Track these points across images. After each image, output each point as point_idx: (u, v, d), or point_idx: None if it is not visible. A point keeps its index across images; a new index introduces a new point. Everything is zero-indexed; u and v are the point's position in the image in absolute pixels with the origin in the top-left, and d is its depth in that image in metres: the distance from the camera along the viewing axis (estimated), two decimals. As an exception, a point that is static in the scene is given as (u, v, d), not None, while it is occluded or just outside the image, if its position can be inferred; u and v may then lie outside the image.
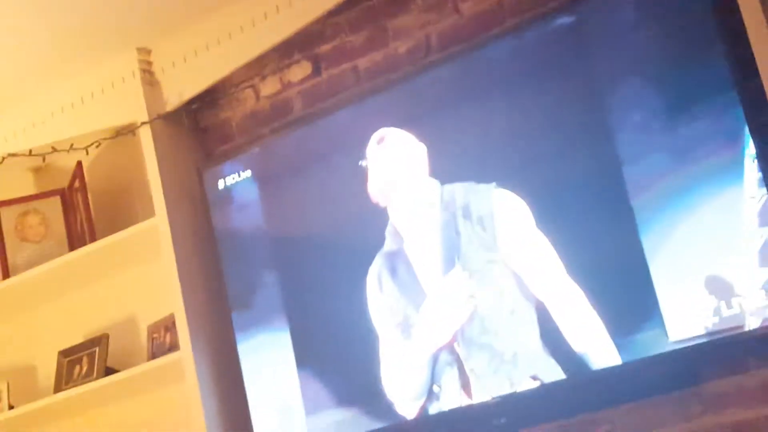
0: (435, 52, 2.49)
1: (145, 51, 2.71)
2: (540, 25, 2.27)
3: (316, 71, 2.67)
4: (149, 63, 2.72)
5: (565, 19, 2.23)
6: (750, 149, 2.00)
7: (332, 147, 2.48)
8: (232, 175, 2.61)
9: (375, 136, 2.39)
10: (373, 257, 2.39)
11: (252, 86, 2.76)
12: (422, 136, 2.35)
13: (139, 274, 2.85)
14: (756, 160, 1.99)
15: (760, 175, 1.98)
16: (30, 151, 2.84)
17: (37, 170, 3.07)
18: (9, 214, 2.93)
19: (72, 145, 2.80)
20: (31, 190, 3.04)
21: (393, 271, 2.37)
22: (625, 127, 2.13)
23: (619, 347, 2.10)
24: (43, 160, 2.87)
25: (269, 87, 2.73)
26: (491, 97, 2.29)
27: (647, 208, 2.09)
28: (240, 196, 2.60)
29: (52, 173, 3.02)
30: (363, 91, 2.56)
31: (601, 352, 2.11)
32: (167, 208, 2.63)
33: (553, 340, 2.16)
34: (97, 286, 2.93)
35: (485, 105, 2.29)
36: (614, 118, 2.14)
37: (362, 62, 2.60)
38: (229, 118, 2.79)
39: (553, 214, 2.19)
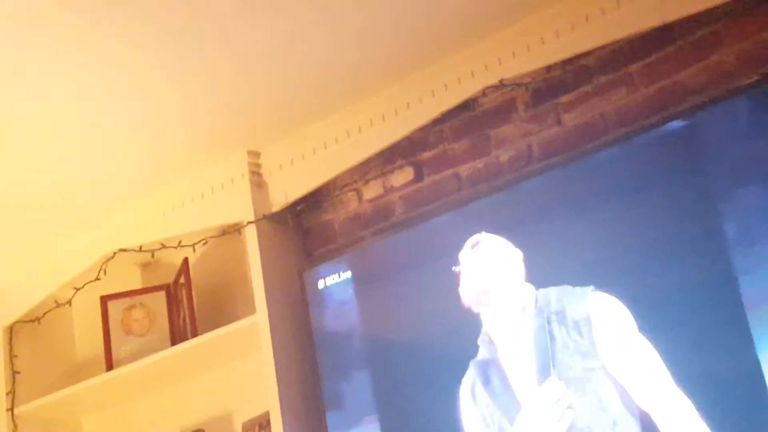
0: (536, 161, 2.53)
1: (254, 154, 2.81)
2: (648, 134, 2.28)
3: (418, 177, 2.73)
4: (258, 165, 2.81)
5: (675, 126, 2.25)
6: None
7: (431, 252, 2.50)
8: (332, 276, 2.65)
9: (469, 241, 2.41)
10: (465, 365, 2.36)
11: (355, 189, 2.83)
12: (520, 242, 2.35)
13: (237, 370, 2.88)
14: None
15: None
16: (140, 247, 2.94)
17: (145, 266, 3.17)
18: (116, 308, 3.00)
19: (180, 242, 2.89)
20: (138, 285, 3.14)
21: (486, 381, 2.33)
22: (741, 236, 2.10)
23: (730, 463, 2.02)
24: (152, 256, 2.97)
25: (372, 191, 2.80)
26: (592, 205, 2.30)
27: (764, 321, 2.03)
28: (339, 297, 2.63)
29: (158, 269, 3.12)
30: (463, 197, 2.60)
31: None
32: (268, 306, 2.67)
33: (659, 454, 2.08)
34: (196, 381, 2.97)
35: (586, 212, 2.30)
36: (728, 226, 2.11)
37: (463, 169, 2.65)
38: (332, 220, 2.86)
39: (658, 320, 2.14)
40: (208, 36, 2.30)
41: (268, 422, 2.64)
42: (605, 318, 2.19)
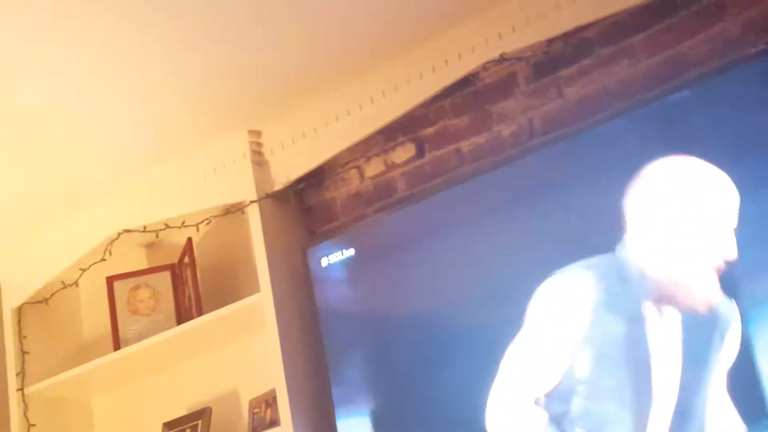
0: (538, 136, 2.51)
1: (255, 133, 2.80)
2: (651, 107, 2.26)
3: (420, 153, 2.72)
4: (259, 144, 2.81)
5: (679, 98, 2.22)
6: None
7: (434, 228, 2.50)
8: (336, 254, 2.65)
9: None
10: (469, 341, 2.34)
11: (357, 167, 2.82)
12: (524, 217, 2.35)
13: (243, 348, 2.90)
14: None
15: None
16: (144, 227, 2.94)
17: (149, 246, 3.18)
18: (122, 288, 3.02)
19: (184, 222, 2.90)
20: (143, 265, 3.15)
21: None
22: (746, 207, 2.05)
23: None
24: (156, 236, 2.98)
25: (373, 168, 2.79)
26: (595, 179, 2.29)
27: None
28: (342, 274, 2.64)
29: (163, 249, 3.13)
30: (465, 172, 2.59)
31: None
32: (272, 284, 2.68)
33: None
34: (202, 360, 2.99)
35: (589, 186, 2.29)
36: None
37: (465, 145, 2.64)
38: (334, 198, 2.85)
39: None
40: (206, 14, 2.28)
41: (275, 399, 2.65)
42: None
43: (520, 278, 2.25)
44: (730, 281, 2.02)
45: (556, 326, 2.09)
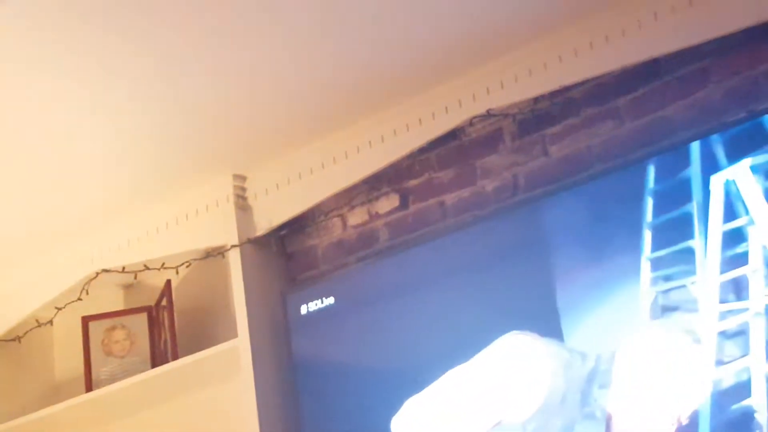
0: (522, 192, 2.53)
1: (240, 177, 2.80)
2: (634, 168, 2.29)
3: (404, 204, 2.73)
4: (243, 189, 2.81)
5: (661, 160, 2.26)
6: None
7: (415, 279, 2.51)
8: (315, 301, 2.65)
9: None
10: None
11: (340, 216, 2.82)
12: (504, 274, 2.36)
13: (218, 394, 2.86)
14: None
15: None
16: (123, 268, 2.93)
17: (127, 287, 3.14)
18: (97, 329, 2.98)
19: (163, 264, 2.88)
20: (120, 306, 3.11)
21: None
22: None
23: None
24: (135, 277, 2.96)
25: (357, 217, 2.80)
26: (578, 237, 2.31)
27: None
28: (321, 323, 2.63)
29: (141, 290, 3.10)
30: (448, 225, 2.61)
31: None
32: (250, 329, 2.67)
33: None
34: (176, 404, 2.94)
35: (570, 245, 2.31)
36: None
37: (449, 198, 2.65)
38: (316, 246, 2.85)
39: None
40: (195, 58, 2.30)
41: (248, 450, 2.62)
42: None
43: (496, 332, 2.30)
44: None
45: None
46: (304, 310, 2.66)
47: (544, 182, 2.49)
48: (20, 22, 2.07)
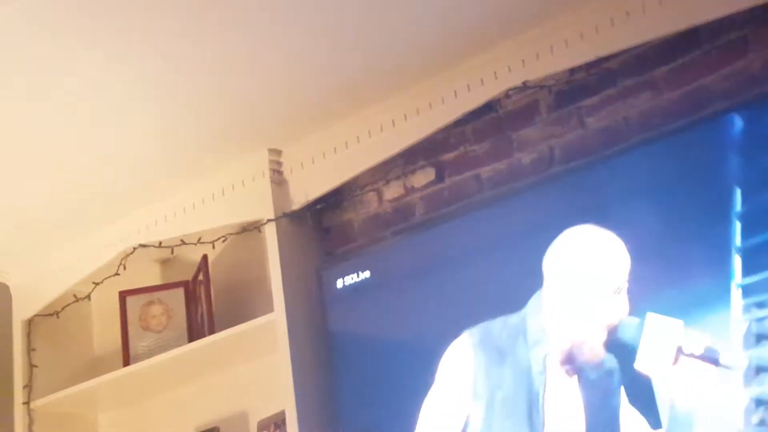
0: (558, 165, 2.52)
1: (276, 152, 2.81)
2: (672, 139, 2.27)
3: (439, 178, 2.72)
4: (279, 163, 2.81)
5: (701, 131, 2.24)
6: None
7: (451, 254, 2.50)
8: (351, 275, 2.64)
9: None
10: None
11: (376, 189, 2.82)
12: (541, 247, 2.34)
13: (254, 369, 2.88)
14: None
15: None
16: (160, 243, 2.94)
17: (164, 262, 3.17)
18: (134, 303, 3.02)
19: (200, 238, 2.89)
20: (157, 281, 3.15)
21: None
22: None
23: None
24: (172, 252, 2.96)
25: (392, 191, 2.79)
26: (615, 209, 2.29)
27: None
28: (357, 297, 2.63)
29: (178, 265, 3.12)
30: (484, 198, 2.60)
31: None
32: (286, 304, 2.67)
33: None
34: (212, 379, 2.97)
35: (609, 216, 2.28)
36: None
37: (485, 171, 2.64)
38: (352, 220, 2.85)
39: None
40: (232, 37, 2.30)
41: (284, 421, 2.64)
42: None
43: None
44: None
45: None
46: (339, 284, 2.66)
47: (581, 154, 2.47)
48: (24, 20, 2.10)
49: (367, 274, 2.63)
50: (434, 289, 2.51)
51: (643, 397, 2.14)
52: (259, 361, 2.86)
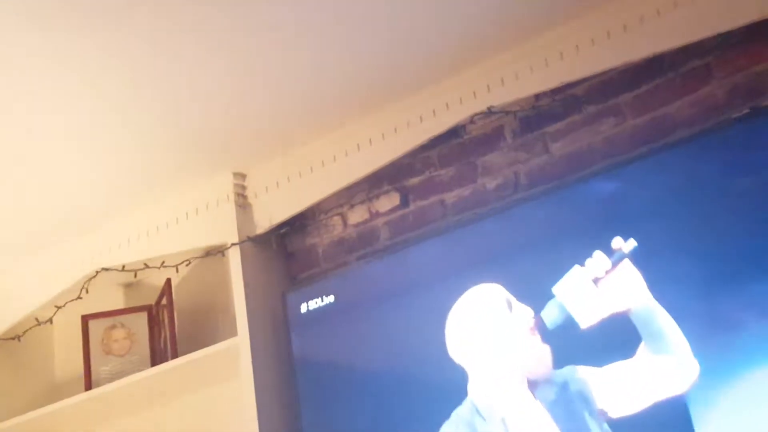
0: (523, 190, 2.51)
1: (240, 176, 2.80)
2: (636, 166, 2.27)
3: (404, 203, 2.71)
4: (243, 187, 2.80)
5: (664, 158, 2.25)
6: None
7: (416, 279, 2.49)
8: (315, 300, 2.63)
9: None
10: (449, 400, 2.32)
11: (340, 214, 2.81)
12: (503, 272, 2.34)
13: (217, 393, 2.85)
14: None
15: None
16: (123, 267, 2.92)
17: (127, 285, 3.14)
18: (97, 327, 2.97)
19: (163, 262, 2.87)
20: (120, 305, 3.11)
21: None
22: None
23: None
24: (135, 276, 2.94)
25: (357, 216, 2.78)
26: (577, 235, 2.28)
27: None
28: (321, 322, 2.61)
29: (141, 289, 3.09)
30: (448, 224, 2.59)
31: None
32: (249, 328, 2.65)
33: None
34: (175, 404, 2.94)
35: (570, 242, 2.28)
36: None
37: (450, 196, 2.63)
38: (316, 244, 2.84)
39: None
40: (195, 58, 2.29)
41: (247, 448, 2.61)
42: None
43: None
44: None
45: None
46: (304, 308, 2.64)
47: (545, 180, 2.47)
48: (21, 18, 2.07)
49: (331, 298, 2.62)
50: (398, 313, 2.50)
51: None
52: (222, 385, 2.83)
